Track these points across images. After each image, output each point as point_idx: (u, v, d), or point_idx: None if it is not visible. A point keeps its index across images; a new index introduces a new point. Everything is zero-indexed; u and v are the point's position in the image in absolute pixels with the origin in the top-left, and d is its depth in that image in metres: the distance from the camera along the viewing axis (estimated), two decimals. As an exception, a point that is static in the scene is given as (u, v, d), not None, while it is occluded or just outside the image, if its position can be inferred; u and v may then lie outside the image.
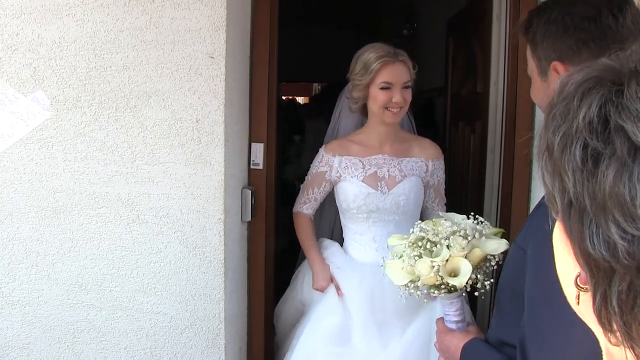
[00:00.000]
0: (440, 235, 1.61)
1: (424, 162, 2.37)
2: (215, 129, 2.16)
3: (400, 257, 1.64)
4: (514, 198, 2.61)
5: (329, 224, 2.66)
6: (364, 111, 2.35)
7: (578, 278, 0.57)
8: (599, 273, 0.52)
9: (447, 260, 1.57)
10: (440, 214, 1.88)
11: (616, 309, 0.51)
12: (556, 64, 1.21)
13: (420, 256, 1.59)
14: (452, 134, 3.60)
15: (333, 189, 2.42)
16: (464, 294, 1.63)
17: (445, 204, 2.51)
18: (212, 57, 2.13)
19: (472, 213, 1.68)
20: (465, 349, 1.48)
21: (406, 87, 2.24)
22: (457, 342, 1.51)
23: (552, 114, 0.58)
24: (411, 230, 1.67)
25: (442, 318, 1.64)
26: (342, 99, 2.54)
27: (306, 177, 2.44)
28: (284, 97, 7.99)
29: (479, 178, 2.97)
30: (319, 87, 9.00)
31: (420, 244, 1.62)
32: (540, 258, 1.09)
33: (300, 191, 2.44)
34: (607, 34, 1.17)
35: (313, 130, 5.53)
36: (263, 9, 2.45)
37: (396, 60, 2.22)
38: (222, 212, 2.19)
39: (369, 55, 2.23)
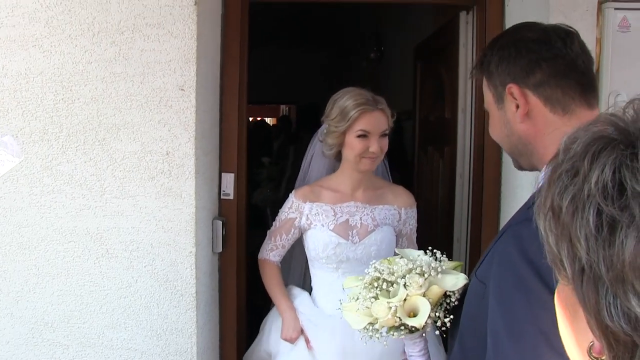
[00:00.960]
0: (396, 274, 1.55)
1: (397, 210, 2.28)
2: (185, 162, 2.14)
3: (357, 299, 1.57)
4: (484, 222, 2.64)
5: (300, 269, 2.51)
6: (337, 156, 2.26)
7: (591, 347, 0.54)
8: (618, 346, 0.49)
9: (404, 300, 1.51)
10: (396, 250, 1.82)
11: None
12: (511, 87, 1.24)
13: (376, 297, 1.53)
14: (420, 158, 3.64)
15: (302, 236, 2.31)
16: (436, 332, 1.60)
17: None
18: (182, 89, 2.12)
19: (429, 248, 1.63)
20: None
21: (383, 136, 2.16)
22: None
23: (558, 173, 0.55)
24: (366, 270, 1.61)
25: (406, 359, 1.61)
26: (315, 143, 2.44)
27: (274, 223, 2.31)
28: (251, 119, 7.98)
29: (448, 202, 3.00)
30: (287, 108, 9.02)
31: (376, 284, 1.56)
32: (505, 292, 1.09)
33: (267, 237, 2.31)
34: (558, 54, 1.22)
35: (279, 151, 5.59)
36: (233, 39, 2.45)
37: (375, 109, 2.14)
38: (193, 245, 2.17)
39: (347, 101, 2.14)
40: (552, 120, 1.22)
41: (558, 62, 1.22)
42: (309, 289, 2.36)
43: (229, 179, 2.48)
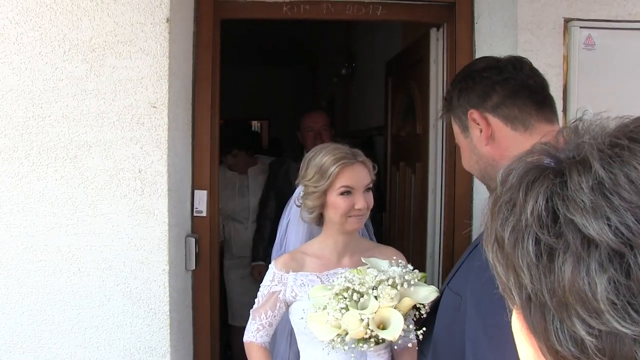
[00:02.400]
0: (367, 285, 1.54)
1: None
2: (158, 179, 2.14)
3: (324, 308, 1.54)
4: (456, 236, 2.68)
5: (285, 344, 2.30)
6: (319, 221, 2.06)
7: None
8: None
9: (375, 312, 1.50)
10: (363, 259, 1.81)
11: None
12: (472, 112, 1.32)
13: (346, 308, 1.51)
14: (393, 174, 3.67)
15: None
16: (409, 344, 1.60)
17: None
18: (154, 107, 2.12)
19: (394, 258, 1.64)
20: None
21: (367, 190, 1.99)
22: None
23: (498, 205, 0.56)
24: (334, 279, 1.59)
25: None
26: (290, 208, 2.28)
27: (256, 300, 2.05)
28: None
29: (420, 217, 3.03)
30: (258, 124, 9.03)
31: (345, 295, 1.54)
32: (486, 301, 1.11)
33: (251, 317, 2.04)
34: (509, 77, 1.31)
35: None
36: (205, 57, 2.45)
37: (355, 162, 1.97)
38: (166, 263, 2.15)
39: (324, 158, 1.97)
40: (515, 138, 1.29)
41: (510, 83, 1.31)
42: None
43: (201, 196, 2.47)
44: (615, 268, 0.46)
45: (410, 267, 1.62)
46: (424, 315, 1.56)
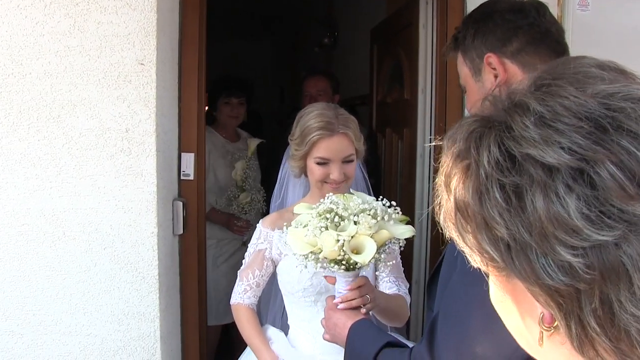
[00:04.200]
0: (349, 211, 1.56)
1: None
2: (146, 139, 2.07)
3: (305, 226, 1.58)
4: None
5: (277, 306, 2.26)
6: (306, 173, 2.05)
7: (542, 319, 0.56)
8: (565, 301, 0.52)
9: (352, 237, 1.54)
10: (351, 190, 1.84)
11: (597, 329, 0.50)
12: (489, 56, 1.26)
13: (326, 228, 1.54)
14: (378, 140, 3.64)
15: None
16: (363, 273, 1.62)
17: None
18: (142, 64, 2.04)
19: (380, 197, 1.65)
20: (354, 327, 1.48)
21: (348, 162, 1.95)
22: (346, 320, 1.52)
23: (452, 174, 0.58)
24: (321, 200, 1.62)
25: (333, 295, 1.64)
26: (285, 164, 2.23)
27: (243, 261, 2.04)
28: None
29: (408, 182, 3.01)
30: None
31: (328, 216, 1.57)
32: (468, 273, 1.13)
33: (238, 278, 2.02)
34: (533, 22, 1.25)
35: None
36: (192, 16, 2.37)
37: (334, 134, 1.92)
38: (155, 226, 2.10)
39: (309, 122, 1.93)
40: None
41: (534, 29, 1.25)
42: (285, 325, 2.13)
43: (189, 159, 2.41)
44: (579, 184, 0.49)
45: (395, 206, 1.63)
46: (401, 248, 1.65)
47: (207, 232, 2.64)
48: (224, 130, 3.44)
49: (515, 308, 0.59)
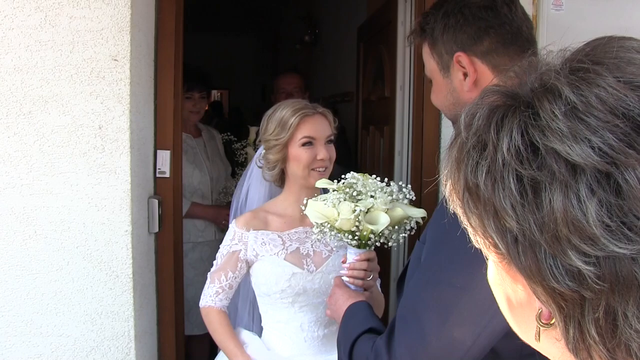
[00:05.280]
0: (367, 188, 1.63)
1: None
2: (120, 136, 2.03)
3: (325, 200, 1.66)
4: (423, 198, 2.65)
5: (249, 308, 2.22)
6: (281, 179, 2.02)
7: (540, 315, 0.53)
8: (568, 305, 0.49)
9: (368, 210, 1.60)
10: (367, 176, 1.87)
11: (597, 338, 0.48)
12: (460, 55, 1.23)
13: (345, 199, 1.62)
14: (363, 138, 3.63)
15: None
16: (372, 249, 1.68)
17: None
18: (115, 60, 2.00)
19: (400, 182, 1.72)
20: (351, 308, 1.48)
21: (329, 142, 1.96)
22: (346, 300, 1.52)
23: (465, 151, 0.54)
24: (343, 176, 1.69)
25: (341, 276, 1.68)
26: (251, 171, 2.21)
27: (215, 262, 1.98)
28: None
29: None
30: (219, 94, 8.85)
31: (347, 190, 1.63)
32: (437, 246, 1.15)
33: (209, 280, 1.96)
34: (504, 21, 1.22)
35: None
36: (168, 11, 2.34)
37: (315, 113, 1.94)
38: (129, 224, 2.06)
39: (283, 111, 1.94)
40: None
41: (505, 29, 1.22)
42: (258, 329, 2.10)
43: (164, 157, 2.37)
44: (604, 189, 0.46)
45: (411, 192, 1.70)
46: (411, 232, 1.67)
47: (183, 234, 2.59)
48: (185, 126, 3.14)
49: (512, 295, 0.57)
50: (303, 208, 1.75)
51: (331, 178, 2.01)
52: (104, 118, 2.01)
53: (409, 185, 1.69)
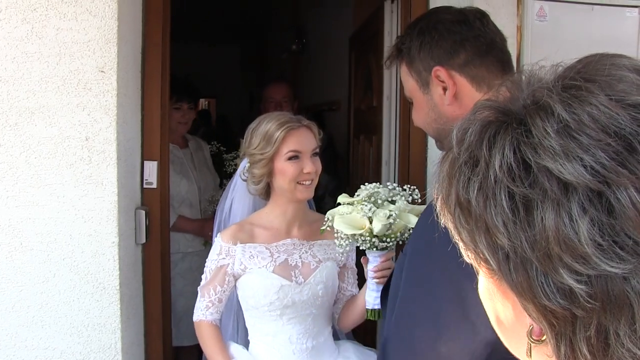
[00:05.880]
0: (383, 197, 1.74)
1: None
2: (106, 147, 2.03)
3: (350, 213, 1.74)
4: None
5: (233, 323, 2.22)
6: (266, 193, 2.01)
7: (531, 331, 0.53)
8: (559, 323, 0.49)
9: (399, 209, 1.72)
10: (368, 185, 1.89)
11: (588, 356, 0.48)
12: (438, 69, 1.24)
13: (376, 206, 1.72)
14: (355, 147, 3.65)
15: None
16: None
17: None
18: (102, 72, 2.01)
19: (409, 185, 1.82)
20: None
21: (315, 155, 1.95)
22: None
23: (457, 166, 0.54)
24: (362, 186, 1.80)
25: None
26: (234, 185, 2.20)
27: (203, 276, 1.97)
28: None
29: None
30: (206, 102, 8.84)
31: (372, 199, 1.73)
32: (419, 259, 1.14)
33: (200, 294, 1.97)
34: (478, 33, 1.24)
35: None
36: (154, 22, 2.34)
37: (301, 126, 1.93)
38: (116, 235, 2.06)
39: (268, 124, 1.91)
40: (479, 98, 1.23)
41: (480, 41, 1.24)
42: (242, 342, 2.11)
43: (151, 167, 2.37)
44: (596, 208, 0.45)
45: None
46: None
47: (171, 245, 2.58)
48: (172, 137, 3.04)
49: (503, 310, 0.57)
50: (329, 223, 1.81)
51: (317, 188, 2.03)
52: (90, 129, 2.01)
53: (416, 188, 1.80)
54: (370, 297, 1.84)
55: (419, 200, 1.78)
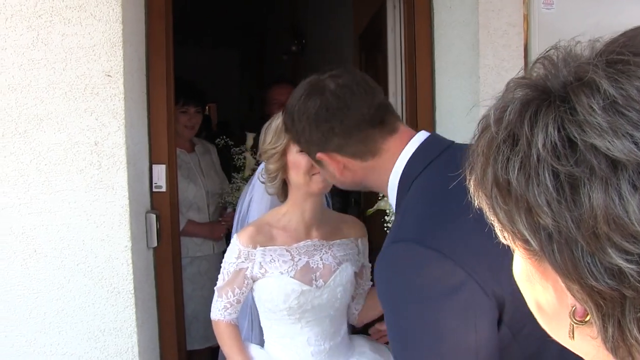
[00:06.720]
0: None
1: (354, 242, 2.03)
2: (116, 152, 2.03)
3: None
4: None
5: (248, 317, 2.22)
6: (282, 192, 1.97)
7: (574, 312, 0.52)
8: (607, 304, 0.47)
9: None
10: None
11: (639, 338, 0.46)
12: (319, 155, 1.30)
13: None
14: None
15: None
16: None
17: None
18: (109, 76, 2.01)
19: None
20: None
21: None
22: None
23: (495, 145, 0.53)
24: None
25: None
26: (253, 186, 2.23)
27: (220, 276, 1.93)
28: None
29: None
30: (207, 106, 8.82)
31: None
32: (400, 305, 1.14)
33: (217, 294, 1.94)
34: (344, 118, 1.25)
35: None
36: (157, 25, 2.35)
37: None
38: (128, 239, 2.06)
39: (278, 120, 1.89)
40: (367, 165, 1.27)
41: (346, 122, 1.25)
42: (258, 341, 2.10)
43: (160, 171, 2.37)
44: None
45: None
46: None
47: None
48: (178, 141, 3.01)
49: (542, 292, 0.55)
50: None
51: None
52: (99, 134, 2.01)
53: None
54: None
55: None
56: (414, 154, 1.22)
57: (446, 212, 1.10)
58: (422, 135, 1.26)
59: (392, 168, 1.24)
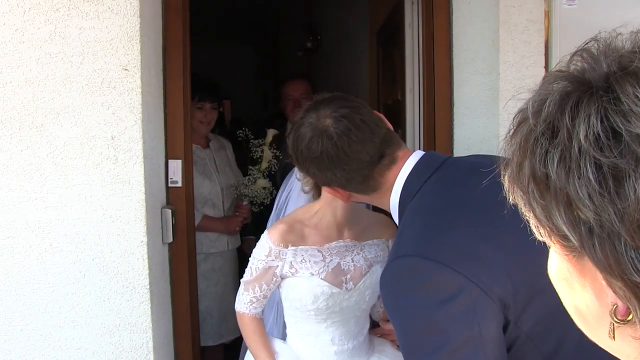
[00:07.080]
0: None
1: (386, 244, 1.98)
2: (132, 146, 2.02)
3: None
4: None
5: (274, 312, 2.23)
6: (317, 190, 1.93)
7: (615, 310, 0.50)
8: None
9: None
10: None
11: None
12: (325, 189, 1.47)
13: None
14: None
15: None
16: None
17: None
18: (126, 69, 2.00)
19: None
20: None
21: None
22: None
23: (533, 138, 0.52)
24: None
25: None
26: (292, 182, 2.25)
27: (248, 270, 1.90)
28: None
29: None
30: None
31: None
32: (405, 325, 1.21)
33: (243, 288, 1.91)
34: (344, 164, 1.34)
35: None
36: (175, 20, 2.33)
37: None
38: (144, 234, 2.05)
39: None
40: (370, 196, 1.40)
41: (348, 166, 1.33)
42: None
43: (176, 166, 2.36)
44: None
45: None
46: None
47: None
48: (194, 137, 3.00)
49: (580, 290, 0.54)
50: None
51: None
52: (116, 128, 2.00)
53: None
54: None
55: None
56: (408, 177, 1.31)
57: (442, 224, 1.19)
58: (416, 157, 1.34)
59: (391, 194, 1.34)
